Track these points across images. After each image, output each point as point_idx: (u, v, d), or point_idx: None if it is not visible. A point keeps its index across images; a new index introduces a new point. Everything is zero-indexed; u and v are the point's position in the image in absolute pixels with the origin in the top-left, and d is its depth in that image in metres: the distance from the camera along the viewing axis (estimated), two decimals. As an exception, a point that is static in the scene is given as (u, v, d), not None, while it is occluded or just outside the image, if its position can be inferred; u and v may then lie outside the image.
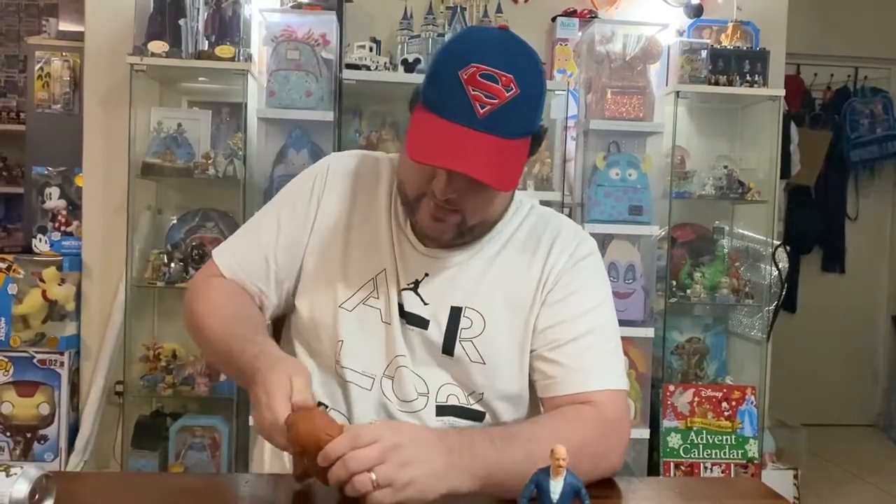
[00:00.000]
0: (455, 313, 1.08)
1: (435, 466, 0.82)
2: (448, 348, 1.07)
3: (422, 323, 1.08)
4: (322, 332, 1.10)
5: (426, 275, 1.09)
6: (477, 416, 1.10)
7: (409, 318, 1.08)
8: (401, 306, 1.08)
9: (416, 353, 1.08)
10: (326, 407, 1.09)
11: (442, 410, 1.08)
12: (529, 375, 1.10)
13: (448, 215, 1.02)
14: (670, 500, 0.99)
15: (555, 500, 0.65)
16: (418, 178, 1.02)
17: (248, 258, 1.15)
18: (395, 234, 1.11)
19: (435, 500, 0.83)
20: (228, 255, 1.16)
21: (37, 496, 0.80)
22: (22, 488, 0.79)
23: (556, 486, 0.66)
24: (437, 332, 1.08)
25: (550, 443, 0.86)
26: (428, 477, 0.82)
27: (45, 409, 2.79)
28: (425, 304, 1.08)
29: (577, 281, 1.09)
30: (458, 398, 1.09)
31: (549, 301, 1.08)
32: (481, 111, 0.94)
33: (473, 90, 0.94)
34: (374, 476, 0.79)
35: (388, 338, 1.08)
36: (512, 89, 0.95)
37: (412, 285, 1.09)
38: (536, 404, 1.13)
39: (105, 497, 0.94)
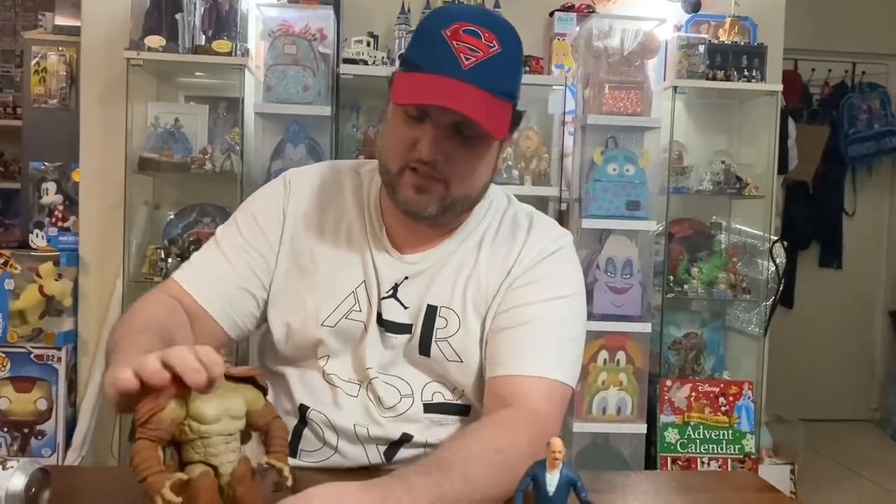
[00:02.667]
0: (430, 312, 1.07)
1: None
2: (425, 349, 1.06)
3: (403, 329, 1.07)
4: (306, 350, 1.09)
5: (406, 278, 1.08)
6: (464, 411, 1.10)
7: (388, 327, 1.07)
8: (379, 315, 1.07)
9: (397, 359, 1.08)
10: (307, 408, 1.07)
11: (429, 408, 1.08)
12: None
13: (432, 185, 1.00)
14: (667, 493, 0.99)
15: (551, 493, 0.65)
16: (401, 148, 1.00)
17: (215, 274, 1.10)
18: (372, 243, 1.10)
19: None
20: (189, 272, 1.12)
21: (33, 490, 0.80)
22: (18, 482, 0.78)
23: (552, 479, 0.65)
24: (415, 335, 1.07)
25: (485, 460, 0.86)
26: None
27: (42, 405, 2.79)
28: (405, 307, 1.07)
29: (540, 272, 1.07)
30: (444, 395, 1.09)
31: (511, 288, 1.07)
32: (466, 62, 0.94)
33: (458, 44, 0.95)
34: None
35: (368, 349, 1.07)
36: (494, 46, 0.96)
37: (391, 291, 1.08)
38: None
39: (102, 491, 0.94)
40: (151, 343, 0.86)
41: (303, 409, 1.08)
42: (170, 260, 2.69)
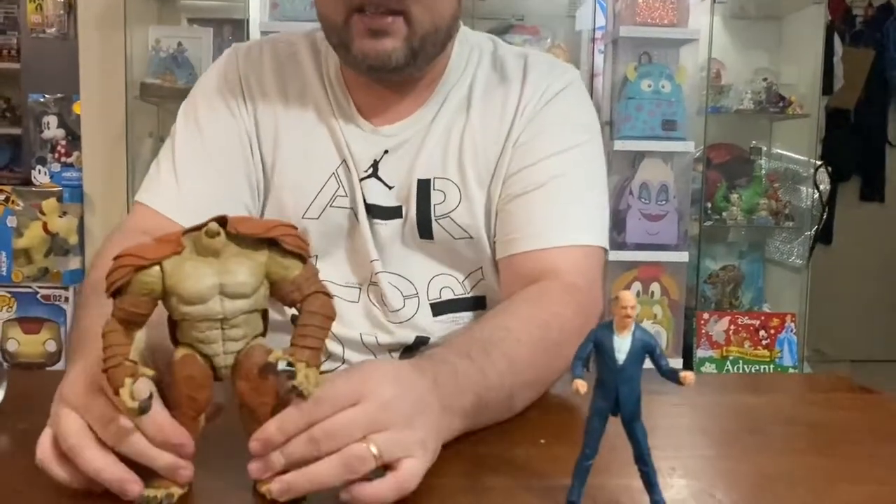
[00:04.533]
0: (423, 188, 0.90)
1: (434, 414, 0.57)
2: (425, 231, 0.90)
3: (392, 213, 0.91)
4: None
5: (385, 152, 0.91)
6: (479, 304, 0.94)
7: (374, 212, 0.91)
8: (364, 200, 0.91)
9: (394, 251, 0.92)
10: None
11: (438, 309, 0.92)
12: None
13: (390, 23, 0.80)
14: (741, 393, 0.84)
15: (621, 362, 0.49)
16: None
17: (193, 185, 0.89)
18: (340, 118, 0.92)
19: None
20: (158, 191, 0.90)
21: (-19, 384, 0.67)
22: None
23: (621, 344, 0.50)
24: (410, 218, 0.90)
25: (525, 336, 0.71)
26: (433, 432, 0.56)
27: (51, 346, 2.69)
28: (390, 187, 0.91)
29: (548, 119, 0.90)
30: (454, 289, 0.93)
31: (517, 144, 0.90)
32: None
33: None
34: (373, 447, 0.52)
35: (362, 239, 0.91)
36: None
37: (371, 170, 0.91)
38: None
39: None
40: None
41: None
42: (177, 192, 2.55)
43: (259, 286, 0.53)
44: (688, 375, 0.48)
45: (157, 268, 0.51)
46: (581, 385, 0.48)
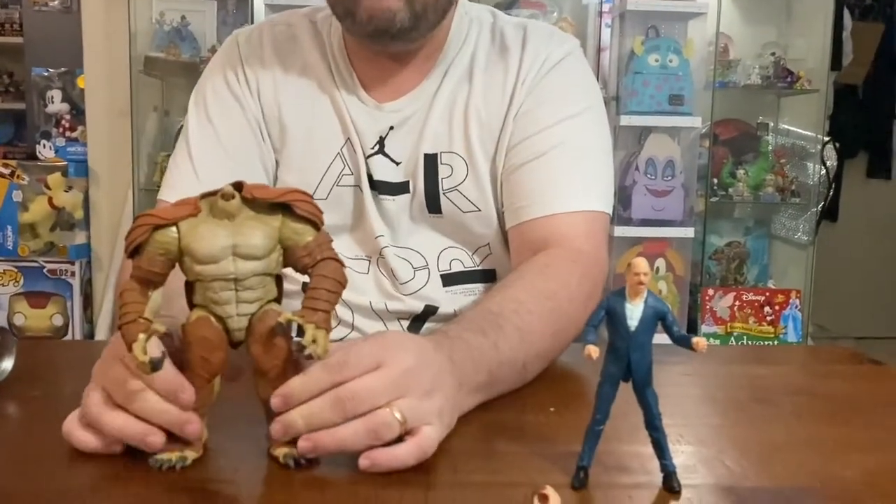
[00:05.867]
0: (430, 163, 0.91)
1: (451, 390, 0.58)
2: (434, 205, 0.91)
3: (400, 188, 0.92)
4: None
5: (391, 128, 0.92)
6: (488, 277, 0.95)
7: (381, 188, 0.92)
8: (370, 177, 0.92)
9: (402, 226, 0.93)
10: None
11: (448, 280, 0.93)
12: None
13: None
14: (748, 364, 0.84)
15: (633, 328, 0.50)
16: None
17: (211, 183, 0.92)
18: (343, 93, 0.93)
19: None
20: (180, 185, 0.91)
21: (-8, 351, 0.67)
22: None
23: (633, 311, 0.50)
24: (418, 192, 0.91)
25: (536, 308, 0.72)
26: (449, 405, 0.57)
27: (58, 321, 2.70)
28: (397, 163, 0.92)
29: (549, 88, 0.90)
30: (463, 262, 0.94)
31: (518, 115, 0.90)
32: None
33: None
34: (398, 414, 0.52)
35: (368, 215, 0.92)
36: None
37: (377, 146, 0.92)
38: None
39: (70, 363, 0.81)
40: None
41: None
42: (182, 167, 2.55)
43: (272, 250, 0.53)
44: (700, 341, 0.48)
45: (173, 228, 0.52)
46: (593, 351, 0.48)
